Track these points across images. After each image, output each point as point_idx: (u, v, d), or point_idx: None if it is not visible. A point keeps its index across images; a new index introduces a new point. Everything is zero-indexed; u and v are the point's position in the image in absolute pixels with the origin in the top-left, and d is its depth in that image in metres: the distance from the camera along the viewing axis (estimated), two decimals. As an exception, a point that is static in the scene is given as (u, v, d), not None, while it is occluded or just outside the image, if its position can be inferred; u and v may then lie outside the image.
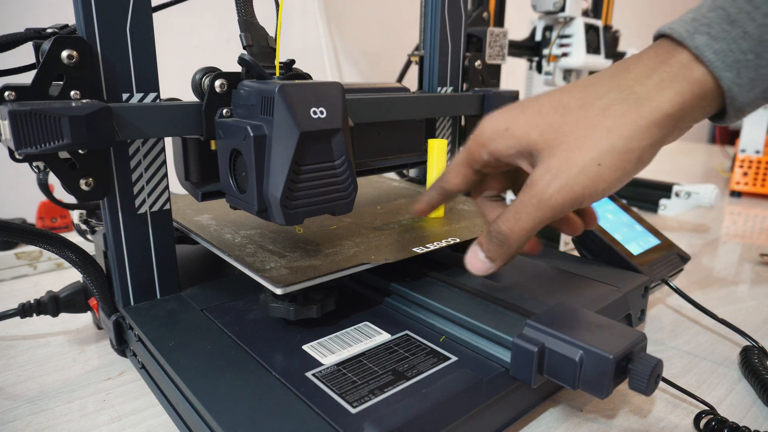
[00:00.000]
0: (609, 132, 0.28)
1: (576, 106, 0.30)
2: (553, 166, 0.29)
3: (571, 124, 0.29)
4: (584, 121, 0.29)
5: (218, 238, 0.41)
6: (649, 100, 0.28)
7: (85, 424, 0.34)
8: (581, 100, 0.30)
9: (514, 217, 0.31)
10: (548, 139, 0.30)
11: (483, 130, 0.33)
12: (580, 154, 0.29)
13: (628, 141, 0.28)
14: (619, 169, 0.29)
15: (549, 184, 0.29)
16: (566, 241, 0.65)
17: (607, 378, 0.28)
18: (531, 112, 0.31)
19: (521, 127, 0.31)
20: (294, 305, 0.35)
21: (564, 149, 0.29)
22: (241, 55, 0.36)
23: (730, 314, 0.52)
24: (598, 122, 0.29)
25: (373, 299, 0.42)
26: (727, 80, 0.27)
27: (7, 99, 0.31)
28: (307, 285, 0.34)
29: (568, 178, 0.29)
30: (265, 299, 0.36)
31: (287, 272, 0.35)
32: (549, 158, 0.30)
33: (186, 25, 0.84)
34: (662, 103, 0.28)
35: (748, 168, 1.04)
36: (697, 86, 0.28)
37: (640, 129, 0.28)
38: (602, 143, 0.28)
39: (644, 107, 0.28)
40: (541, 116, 0.31)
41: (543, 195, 0.29)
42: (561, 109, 0.30)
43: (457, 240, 0.42)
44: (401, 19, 1.13)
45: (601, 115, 0.29)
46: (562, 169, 0.29)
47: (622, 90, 0.29)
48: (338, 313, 0.39)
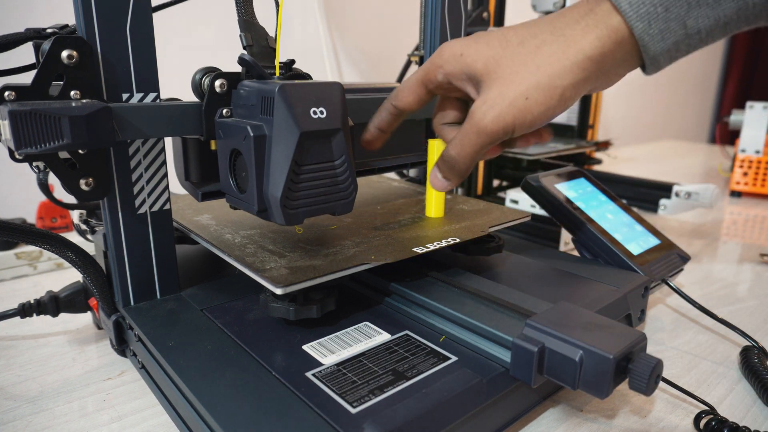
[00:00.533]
0: (537, 69, 0.32)
1: (516, 42, 0.33)
2: (489, 97, 0.33)
3: (508, 58, 0.33)
4: (519, 57, 0.32)
5: (218, 238, 0.41)
6: (575, 43, 0.31)
7: (85, 424, 0.34)
8: (521, 37, 0.33)
9: (459, 143, 0.35)
10: (489, 70, 0.33)
11: (441, 53, 0.36)
12: (511, 88, 0.32)
13: (552, 78, 0.32)
14: (543, 104, 0.32)
15: (485, 114, 0.33)
16: (566, 241, 0.65)
17: (607, 378, 0.28)
18: (481, 43, 0.34)
19: (471, 55, 0.34)
20: (294, 305, 0.35)
21: (500, 82, 0.33)
22: (241, 55, 0.36)
23: (730, 314, 0.52)
24: (529, 59, 0.32)
25: (373, 299, 0.42)
26: (639, 30, 0.30)
27: (7, 99, 0.31)
28: (307, 285, 0.34)
29: (500, 109, 0.32)
30: (265, 299, 0.36)
31: (287, 272, 0.35)
32: (488, 89, 0.33)
33: (186, 25, 0.84)
34: (584, 46, 0.31)
35: (748, 168, 1.04)
36: (614, 33, 0.31)
37: (564, 68, 0.31)
38: (530, 79, 0.32)
39: (570, 49, 0.31)
40: (489, 48, 0.34)
41: (480, 124, 0.33)
42: (504, 42, 0.34)
43: (457, 240, 0.42)
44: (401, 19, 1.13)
45: (533, 53, 0.32)
46: (497, 101, 0.32)
47: (554, 32, 0.32)
48: (338, 313, 0.39)
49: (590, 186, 0.57)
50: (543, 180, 0.53)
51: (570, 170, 0.58)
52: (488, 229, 0.45)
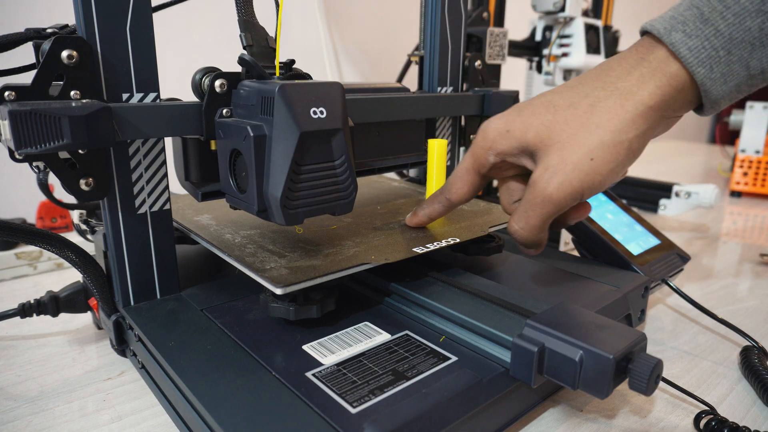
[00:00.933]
0: (597, 128, 0.30)
1: (565, 105, 0.32)
2: (550, 164, 0.31)
3: (561, 122, 0.31)
4: (574, 120, 0.31)
5: (218, 238, 0.41)
6: (632, 95, 0.30)
7: (85, 424, 0.34)
8: (569, 99, 0.32)
9: (523, 216, 0.34)
10: (543, 138, 0.32)
11: (486, 134, 0.35)
12: (573, 152, 0.31)
13: (615, 134, 0.30)
14: (611, 161, 0.31)
15: (549, 183, 0.31)
16: (566, 241, 0.65)
17: (607, 378, 0.28)
18: (526, 114, 0.33)
19: (519, 128, 0.33)
20: (294, 305, 0.35)
21: (558, 147, 0.31)
22: (241, 55, 0.36)
23: (730, 314, 0.52)
24: (586, 119, 0.31)
25: (373, 299, 0.42)
26: (701, 75, 0.29)
27: (7, 99, 0.31)
28: (307, 285, 0.34)
29: (564, 174, 0.31)
30: (265, 299, 0.36)
31: (287, 272, 0.35)
32: (546, 157, 0.32)
33: (186, 25, 0.84)
34: (644, 97, 0.30)
35: (748, 168, 1.04)
36: (674, 80, 0.30)
37: (626, 122, 0.30)
38: (592, 139, 0.30)
39: (628, 101, 0.30)
40: (535, 117, 0.33)
41: (545, 192, 0.32)
42: (552, 108, 0.32)
43: (457, 240, 0.42)
44: (401, 19, 1.13)
45: (589, 113, 0.31)
46: (559, 167, 0.31)
47: (606, 87, 0.31)
48: (338, 313, 0.39)
49: (590, 186, 0.57)
50: (543, 180, 0.53)
51: (570, 170, 0.58)
52: (488, 229, 0.45)
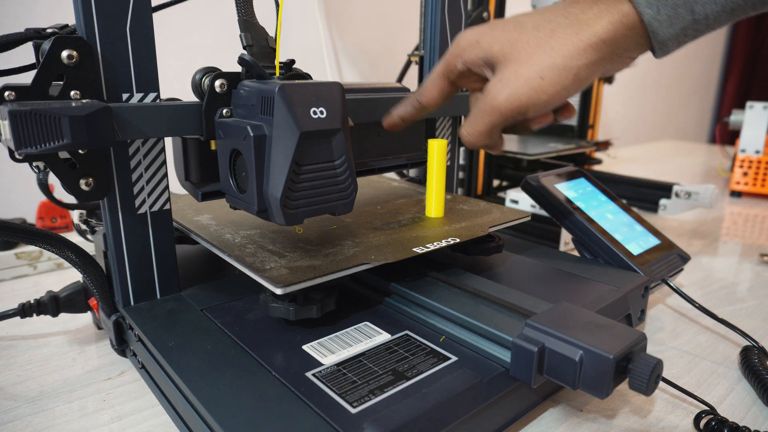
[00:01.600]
0: (552, 50, 0.33)
1: (531, 26, 0.34)
2: (504, 77, 0.34)
3: (523, 41, 0.34)
4: (535, 40, 0.34)
5: (218, 238, 0.41)
6: (588, 26, 0.33)
7: (85, 424, 0.34)
8: (536, 21, 0.34)
9: (472, 122, 0.37)
10: (505, 53, 0.34)
11: (459, 42, 0.37)
12: (526, 68, 0.33)
13: (566, 59, 0.33)
14: (558, 84, 0.33)
15: (499, 93, 0.34)
16: (566, 241, 0.65)
17: (607, 378, 0.28)
18: (497, 29, 0.36)
19: (487, 40, 0.36)
20: (294, 305, 0.35)
21: (515, 63, 0.34)
22: (241, 55, 0.36)
23: (730, 314, 0.52)
24: (545, 42, 0.33)
25: (373, 299, 0.42)
26: (648, 15, 0.32)
27: (7, 99, 0.31)
28: (307, 285, 0.34)
29: (515, 88, 0.34)
30: (265, 299, 0.36)
31: (287, 272, 0.35)
32: (503, 70, 0.34)
33: (186, 25, 0.84)
34: (597, 30, 0.33)
35: (748, 168, 1.04)
36: (625, 18, 0.32)
37: (578, 50, 0.33)
38: (545, 60, 0.33)
39: (583, 32, 0.33)
40: (504, 32, 0.35)
41: (493, 102, 0.35)
42: (519, 27, 0.35)
43: (457, 240, 0.42)
44: (401, 19, 1.13)
45: (549, 36, 0.33)
46: (511, 80, 0.34)
47: (568, 17, 0.34)
48: (338, 313, 0.39)
49: (590, 186, 0.57)
50: (543, 180, 0.53)
51: (570, 170, 0.58)
52: (488, 229, 0.45)
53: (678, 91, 2.33)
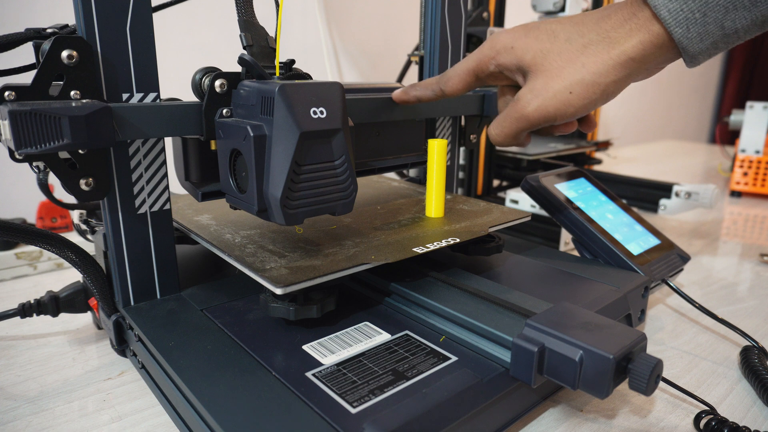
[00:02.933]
0: (582, 67, 0.35)
1: (564, 38, 0.36)
2: (535, 87, 0.36)
3: (555, 53, 0.36)
4: (566, 53, 0.35)
5: (218, 238, 0.41)
6: (619, 45, 0.34)
7: (85, 424, 0.34)
8: (569, 34, 0.36)
9: (500, 124, 0.39)
10: (537, 63, 0.36)
11: (494, 45, 0.39)
12: (557, 82, 0.35)
13: (595, 76, 0.35)
14: (586, 98, 0.35)
15: (529, 103, 0.36)
16: (566, 241, 0.65)
17: (607, 378, 0.28)
18: (531, 37, 0.37)
19: (521, 47, 0.37)
20: (294, 305, 0.35)
21: (546, 75, 0.36)
22: (241, 55, 0.36)
23: (730, 314, 0.52)
24: (575, 57, 0.35)
25: (373, 299, 0.42)
26: (678, 34, 0.33)
27: (7, 99, 0.31)
28: (307, 285, 0.34)
29: (544, 99, 0.36)
30: (265, 299, 0.36)
31: (287, 272, 0.35)
32: (534, 80, 0.36)
33: (186, 25, 0.84)
34: (627, 48, 0.34)
35: (748, 168, 1.04)
36: (656, 38, 0.33)
37: (608, 67, 0.34)
38: (575, 75, 0.35)
39: (614, 50, 0.34)
40: (538, 42, 0.37)
41: (523, 111, 0.37)
42: (552, 38, 0.36)
43: (457, 240, 0.42)
44: (401, 19, 1.13)
45: (580, 51, 0.35)
46: (541, 92, 0.36)
47: (600, 32, 0.35)
48: (338, 313, 0.39)
49: (590, 186, 0.57)
50: (543, 180, 0.53)
51: (570, 170, 0.58)
52: (488, 229, 0.45)
53: (678, 91, 2.33)
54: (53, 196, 0.41)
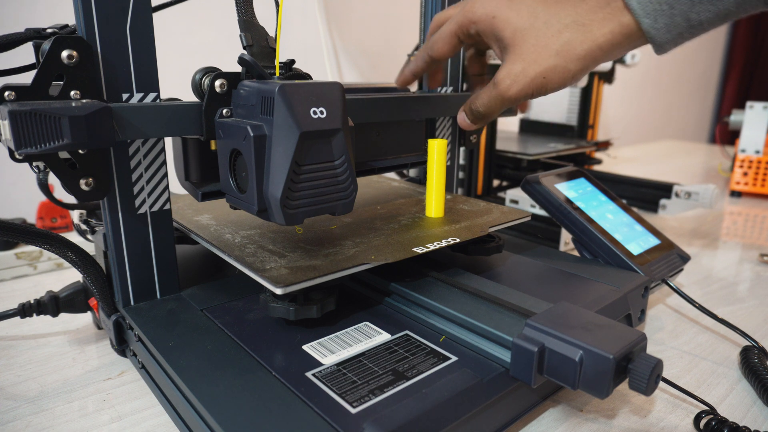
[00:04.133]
0: (556, 55, 0.37)
1: (543, 20, 0.38)
2: (513, 72, 0.39)
3: (533, 35, 0.38)
4: (543, 38, 0.38)
5: (218, 238, 0.41)
6: (591, 33, 0.36)
7: (85, 424, 0.34)
8: (548, 16, 0.38)
9: (487, 103, 0.42)
10: (516, 41, 0.39)
11: (475, 10, 0.41)
12: (533, 68, 0.38)
13: (567, 63, 0.37)
14: (558, 83, 0.38)
15: (510, 87, 0.39)
16: (566, 241, 0.65)
17: (607, 378, 0.28)
18: (514, 10, 0.39)
19: (503, 20, 0.39)
20: (294, 305, 0.35)
21: (523, 59, 0.38)
22: (241, 55, 0.36)
23: (730, 314, 0.52)
24: (551, 43, 0.37)
25: (373, 299, 0.42)
26: (646, 24, 0.35)
27: (7, 99, 0.31)
28: (307, 285, 0.34)
29: (523, 84, 0.39)
30: (265, 299, 0.36)
31: (287, 272, 0.35)
32: (512, 62, 0.39)
33: (186, 25, 0.84)
34: (598, 37, 0.36)
35: (748, 168, 1.04)
36: (625, 28, 0.36)
37: (578, 56, 0.37)
38: (549, 62, 0.38)
39: (586, 39, 0.36)
40: (518, 17, 0.38)
41: (505, 94, 0.40)
42: (533, 17, 0.38)
43: (458, 240, 0.42)
44: (401, 19, 1.13)
45: (555, 37, 0.37)
46: (519, 77, 0.39)
47: (576, 17, 0.37)
48: (338, 313, 0.39)
49: (590, 186, 0.57)
50: (543, 180, 0.53)
51: (570, 170, 0.58)
52: (488, 229, 0.45)
53: (678, 91, 2.33)
54: (53, 196, 0.41)
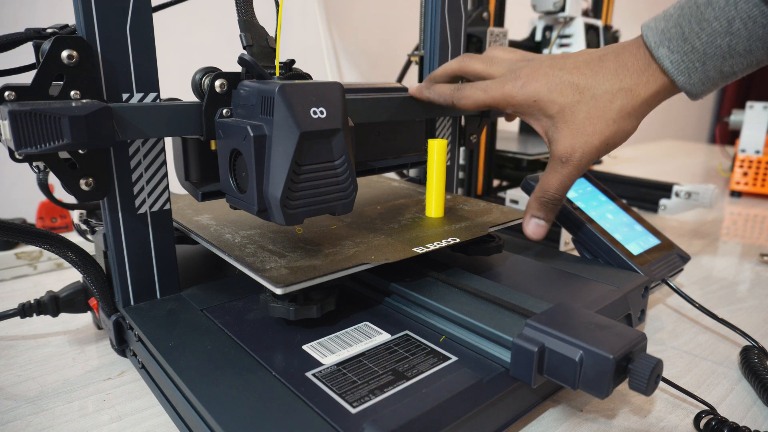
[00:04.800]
0: (614, 122, 0.39)
1: (590, 95, 0.39)
2: (576, 145, 0.40)
3: (584, 111, 0.39)
4: (595, 111, 0.39)
5: (218, 238, 0.41)
6: (639, 97, 0.38)
7: (85, 424, 0.34)
8: (593, 89, 0.39)
9: (559, 186, 0.42)
10: (566, 118, 0.40)
11: (514, 95, 0.41)
12: (596, 138, 0.39)
13: (626, 125, 0.39)
14: (620, 143, 0.40)
15: (581, 161, 0.40)
16: (566, 241, 0.65)
17: (607, 378, 0.28)
18: (556, 92, 0.40)
19: (546, 101, 0.40)
20: (294, 305, 0.35)
21: (582, 132, 0.39)
22: (241, 55, 0.36)
23: (730, 314, 0.52)
24: (605, 113, 0.39)
25: (373, 299, 0.42)
26: (681, 81, 0.37)
27: (7, 99, 0.31)
28: (307, 285, 0.34)
29: (591, 154, 0.40)
30: (265, 299, 0.36)
31: (287, 272, 0.35)
32: (572, 138, 0.40)
33: (186, 25, 0.84)
34: (645, 98, 0.38)
35: (748, 168, 1.04)
36: (665, 86, 0.38)
37: (633, 116, 0.39)
38: (610, 129, 0.39)
39: (636, 102, 0.38)
40: (562, 97, 0.40)
41: (579, 168, 0.41)
42: (578, 93, 0.39)
43: (458, 240, 0.42)
44: (401, 19, 1.13)
45: (608, 107, 0.39)
46: (586, 149, 0.40)
47: (622, 85, 0.38)
48: (338, 313, 0.39)
49: (590, 186, 0.57)
50: (543, 180, 0.53)
51: (570, 170, 0.58)
52: (488, 229, 0.45)
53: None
54: (53, 196, 0.41)
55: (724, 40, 0.34)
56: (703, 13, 0.35)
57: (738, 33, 0.34)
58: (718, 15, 0.34)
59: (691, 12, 0.35)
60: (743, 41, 0.34)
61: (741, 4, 0.33)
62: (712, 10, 0.34)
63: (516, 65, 0.43)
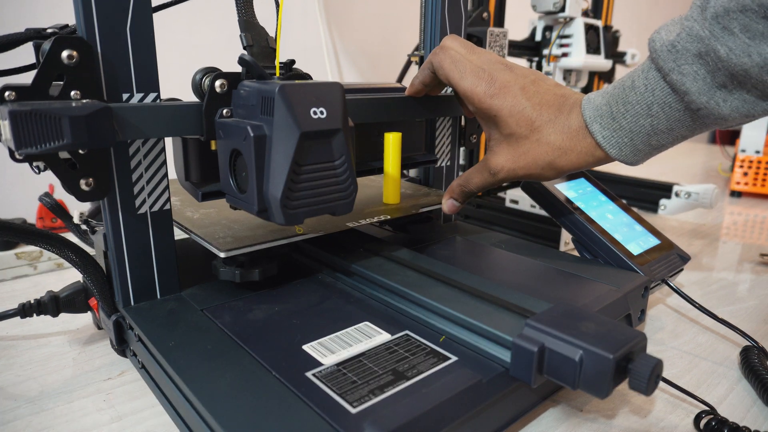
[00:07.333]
0: (541, 168, 0.42)
1: (535, 138, 0.41)
2: (506, 167, 0.43)
3: (525, 147, 0.42)
4: (533, 152, 0.42)
5: (180, 215, 0.45)
6: (569, 161, 0.41)
7: (85, 424, 0.34)
8: (541, 133, 0.41)
9: (480, 185, 0.46)
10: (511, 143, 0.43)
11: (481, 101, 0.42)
12: (524, 170, 0.43)
13: (549, 174, 0.42)
14: (537, 181, 0.45)
15: (504, 178, 0.44)
16: (566, 241, 0.65)
17: (607, 378, 0.28)
18: (514, 114, 0.42)
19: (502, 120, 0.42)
20: (240, 270, 0.41)
21: (515, 162, 0.43)
22: (241, 55, 0.36)
23: (730, 314, 0.52)
24: (538, 159, 0.42)
25: (373, 299, 0.42)
26: (613, 153, 0.40)
27: (7, 99, 0.31)
28: (246, 251, 0.39)
29: (512, 177, 0.44)
30: (216, 264, 0.41)
31: (231, 240, 0.40)
32: (510, 161, 0.43)
33: (186, 25, 0.84)
34: (576, 163, 0.41)
35: (748, 168, 1.04)
36: (597, 157, 0.41)
37: (555, 171, 0.42)
38: (536, 172, 0.42)
39: (566, 163, 0.41)
40: (517, 126, 0.42)
41: (498, 181, 0.45)
42: (529, 130, 0.41)
43: (389, 217, 0.47)
44: (401, 19, 1.13)
45: (542, 157, 0.42)
46: (512, 173, 0.43)
47: (562, 143, 0.41)
48: (338, 313, 0.39)
49: (590, 186, 0.57)
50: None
51: (570, 170, 0.58)
52: (419, 209, 0.50)
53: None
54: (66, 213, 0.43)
55: (646, 121, 0.38)
56: (627, 95, 0.38)
57: (657, 115, 0.37)
58: (639, 99, 0.37)
59: (619, 94, 0.39)
60: (663, 122, 0.37)
61: (657, 92, 0.37)
62: (635, 94, 0.38)
63: (495, 68, 0.43)
